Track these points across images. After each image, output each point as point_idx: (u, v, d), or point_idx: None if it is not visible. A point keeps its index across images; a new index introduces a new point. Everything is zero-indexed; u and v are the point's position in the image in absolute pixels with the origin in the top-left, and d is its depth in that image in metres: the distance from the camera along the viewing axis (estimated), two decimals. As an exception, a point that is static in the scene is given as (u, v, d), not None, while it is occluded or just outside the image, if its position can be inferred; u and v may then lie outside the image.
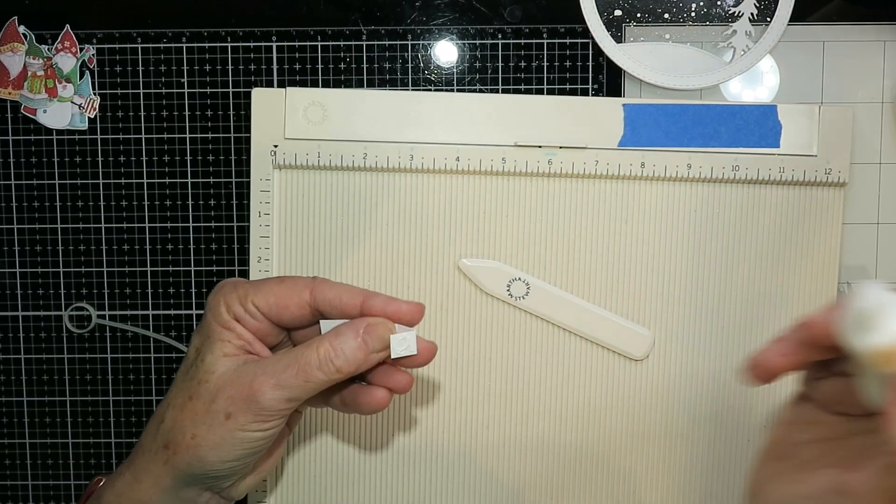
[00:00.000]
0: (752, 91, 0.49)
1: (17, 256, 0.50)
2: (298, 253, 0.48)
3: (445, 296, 0.49)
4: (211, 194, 0.50)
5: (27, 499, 0.51)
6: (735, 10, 0.49)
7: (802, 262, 0.48)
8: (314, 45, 0.49)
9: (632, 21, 0.49)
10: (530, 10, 0.49)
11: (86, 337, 0.51)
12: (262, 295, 0.37)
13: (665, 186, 0.48)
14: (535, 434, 0.49)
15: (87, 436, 0.51)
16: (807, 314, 0.27)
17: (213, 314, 0.38)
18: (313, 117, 0.47)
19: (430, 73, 0.49)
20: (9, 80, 0.49)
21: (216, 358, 0.37)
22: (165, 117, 0.50)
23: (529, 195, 0.48)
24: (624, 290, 0.49)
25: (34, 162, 0.50)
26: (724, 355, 0.49)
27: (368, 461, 0.49)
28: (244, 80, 0.49)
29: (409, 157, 0.47)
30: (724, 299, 0.48)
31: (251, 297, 0.37)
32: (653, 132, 0.47)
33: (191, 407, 0.36)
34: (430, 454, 0.49)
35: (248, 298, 0.37)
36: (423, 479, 0.49)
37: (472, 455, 0.49)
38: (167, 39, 0.49)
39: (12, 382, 0.51)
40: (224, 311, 0.37)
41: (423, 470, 0.49)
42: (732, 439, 0.49)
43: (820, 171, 0.47)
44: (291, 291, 0.37)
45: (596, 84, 0.49)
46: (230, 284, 0.38)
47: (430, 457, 0.49)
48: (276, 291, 0.37)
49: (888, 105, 0.49)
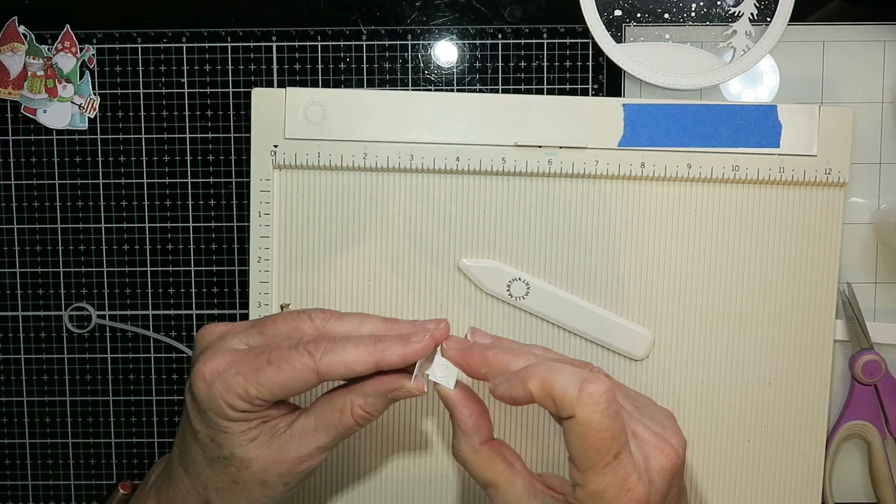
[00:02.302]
0: (752, 91, 0.49)
1: (17, 256, 0.50)
2: (298, 253, 0.48)
3: (445, 296, 0.49)
4: (211, 194, 0.50)
5: (27, 499, 0.51)
6: (735, 10, 0.49)
7: (802, 262, 0.48)
8: (314, 45, 0.49)
9: (632, 21, 0.49)
10: (530, 10, 0.49)
11: (86, 337, 0.51)
12: (265, 388, 0.34)
13: (665, 186, 0.48)
14: (535, 434, 0.49)
15: (87, 436, 0.51)
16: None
17: (216, 415, 0.35)
18: (313, 117, 0.47)
19: (430, 73, 0.49)
20: (9, 80, 0.49)
21: (245, 448, 0.35)
22: (165, 117, 0.50)
23: (529, 195, 0.48)
24: (624, 290, 0.49)
25: (34, 162, 0.50)
26: (724, 355, 0.49)
27: (369, 461, 0.49)
28: (244, 80, 0.49)
29: (409, 157, 0.47)
30: (724, 299, 0.48)
31: (254, 393, 0.34)
32: (653, 132, 0.47)
33: (239, 490, 0.36)
34: (431, 454, 0.49)
35: (251, 395, 0.34)
36: (424, 478, 0.49)
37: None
38: (167, 39, 0.49)
39: (12, 382, 0.51)
40: (229, 411, 0.35)
41: (424, 470, 0.49)
42: (732, 439, 0.49)
43: (820, 171, 0.47)
44: (294, 380, 0.34)
45: (596, 84, 0.49)
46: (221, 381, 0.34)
47: (431, 456, 0.49)
48: (278, 383, 0.34)
49: (888, 105, 0.49)
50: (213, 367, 0.35)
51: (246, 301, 0.50)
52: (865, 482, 0.51)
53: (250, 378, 0.34)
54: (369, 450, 0.49)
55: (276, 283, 0.48)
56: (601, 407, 0.31)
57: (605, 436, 0.31)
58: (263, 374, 0.34)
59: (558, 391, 0.32)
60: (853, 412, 0.49)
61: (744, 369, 0.49)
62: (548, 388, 0.32)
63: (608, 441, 0.31)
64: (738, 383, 0.49)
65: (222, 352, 0.35)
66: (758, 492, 0.49)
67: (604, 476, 0.31)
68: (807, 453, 0.49)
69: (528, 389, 0.32)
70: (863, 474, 0.51)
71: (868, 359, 0.48)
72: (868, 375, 0.48)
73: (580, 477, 0.32)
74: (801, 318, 0.48)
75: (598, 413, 0.31)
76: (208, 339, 0.37)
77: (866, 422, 0.49)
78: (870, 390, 0.49)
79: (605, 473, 0.31)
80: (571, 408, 0.31)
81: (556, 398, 0.32)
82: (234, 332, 0.36)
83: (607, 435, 0.31)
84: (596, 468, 0.31)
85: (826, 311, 0.48)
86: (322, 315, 0.36)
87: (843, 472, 0.51)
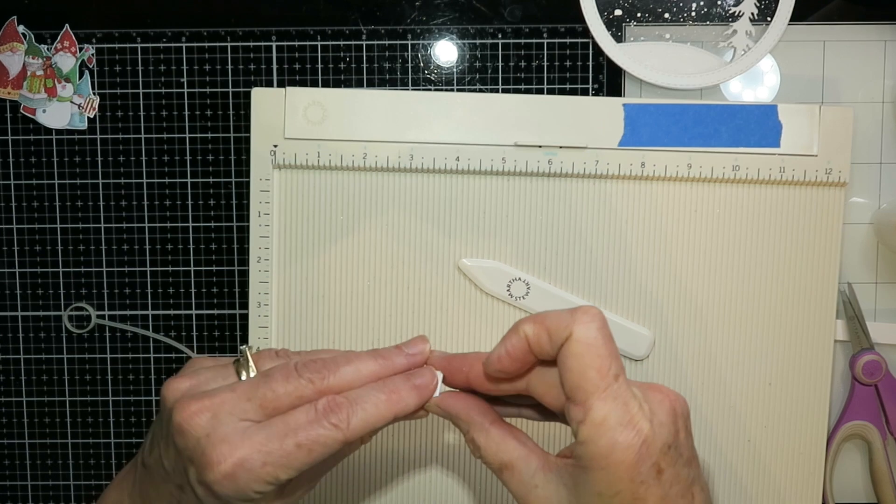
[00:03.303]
0: (753, 91, 0.49)
1: (17, 256, 0.50)
2: (298, 253, 0.48)
3: (445, 296, 0.48)
4: (211, 194, 0.50)
5: (27, 499, 0.51)
6: (735, 9, 0.49)
7: (803, 262, 0.48)
8: (314, 44, 0.49)
9: (632, 21, 0.49)
10: (530, 9, 0.49)
11: (85, 337, 0.51)
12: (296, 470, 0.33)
13: (665, 186, 0.48)
14: (535, 434, 0.49)
15: (87, 436, 0.51)
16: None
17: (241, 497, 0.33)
18: (313, 117, 0.47)
19: (430, 73, 0.49)
20: (8, 80, 0.49)
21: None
22: (165, 117, 0.50)
23: (529, 195, 0.48)
24: (624, 290, 0.48)
25: (34, 162, 0.50)
26: (724, 355, 0.49)
27: (369, 462, 0.49)
28: (244, 80, 0.49)
29: (409, 157, 0.47)
30: (724, 299, 0.48)
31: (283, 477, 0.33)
32: (653, 132, 0.47)
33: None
34: (431, 454, 0.49)
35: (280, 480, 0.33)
36: (425, 478, 0.49)
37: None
38: (167, 39, 0.49)
39: (12, 382, 0.51)
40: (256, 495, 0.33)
41: (424, 470, 0.49)
42: (733, 439, 0.49)
43: (820, 171, 0.47)
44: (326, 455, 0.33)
45: (596, 84, 0.49)
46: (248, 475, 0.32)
47: (431, 456, 0.49)
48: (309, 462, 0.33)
49: (888, 105, 0.49)
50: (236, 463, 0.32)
51: (245, 301, 0.50)
52: (866, 482, 0.50)
53: (280, 466, 0.32)
54: (371, 451, 0.49)
55: (275, 283, 0.48)
56: (597, 324, 0.31)
57: (604, 352, 0.31)
58: (294, 459, 0.32)
59: (552, 320, 0.32)
60: (854, 412, 0.49)
61: (744, 369, 0.49)
62: (541, 321, 0.32)
63: (607, 359, 0.31)
64: (738, 383, 0.49)
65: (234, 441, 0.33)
66: (758, 492, 0.49)
67: (605, 401, 0.30)
68: (807, 453, 0.49)
69: (521, 333, 0.32)
70: (863, 474, 0.51)
71: (868, 359, 0.48)
72: (868, 375, 0.48)
73: (581, 411, 0.31)
74: (801, 318, 0.48)
75: (595, 329, 0.31)
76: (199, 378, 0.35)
77: (867, 422, 0.49)
78: (870, 390, 0.49)
79: (606, 398, 0.30)
80: (567, 329, 0.31)
81: (551, 328, 0.31)
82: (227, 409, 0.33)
83: (605, 352, 0.31)
84: (597, 392, 0.30)
85: (826, 311, 0.48)
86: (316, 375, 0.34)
87: (843, 473, 0.51)
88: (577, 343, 0.31)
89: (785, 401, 0.49)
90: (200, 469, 0.32)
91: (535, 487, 0.32)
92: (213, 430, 0.32)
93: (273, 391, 0.33)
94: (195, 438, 0.33)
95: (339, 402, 0.33)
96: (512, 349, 0.33)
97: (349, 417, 0.33)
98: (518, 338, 0.32)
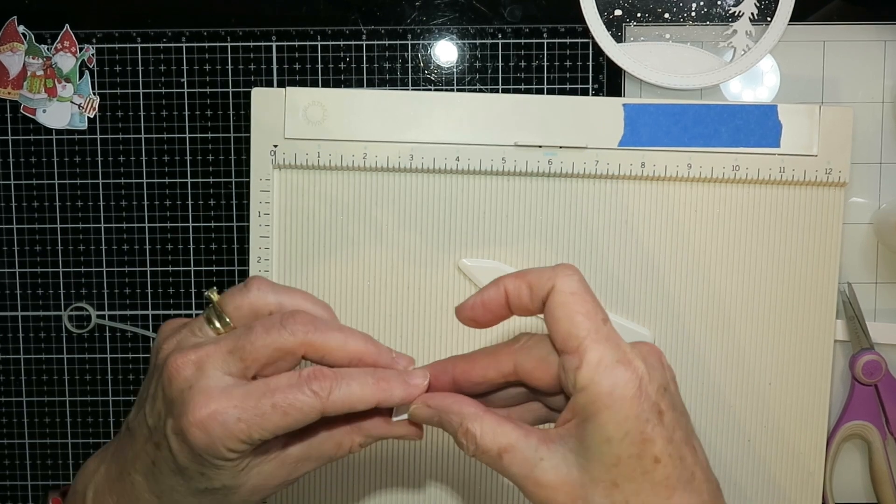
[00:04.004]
0: (753, 91, 0.49)
1: (17, 256, 0.50)
2: (298, 253, 0.48)
3: (445, 296, 0.48)
4: (211, 194, 0.50)
5: (27, 499, 0.51)
6: (735, 9, 0.49)
7: (802, 262, 0.48)
8: (314, 44, 0.49)
9: (632, 21, 0.49)
10: (530, 10, 0.49)
11: (85, 337, 0.51)
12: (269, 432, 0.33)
13: (665, 186, 0.48)
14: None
15: (87, 436, 0.51)
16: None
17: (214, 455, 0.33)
18: (313, 117, 0.47)
19: (430, 73, 0.49)
20: (8, 80, 0.49)
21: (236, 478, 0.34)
22: (165, 117, 0.50)
23: (529, 195, 0.48)
24: (624, 290, 0.48)
25: (34, 162, 0.50)
26: (724, 355, 0.49)
27: (369, 462, 0.49)
28: (244, 80, 0.49)
29: (409, 157, 0.47)
30: (724, 299, 0.48)
31: (256, 437, 0.33)
32: (653, 132, 0.47)
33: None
34: (431, 453, 0.49)
35: (254, 439, 0.33)
36: (425, 478, 0.49)
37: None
38: (167, 39, 0.49)
39: (12, 382, 0.51)
40: (229, 454, 0.33)
41: (424, 469, 0.49)
42: (732, 439, 0.49)
43: (820, 171, 0.47)
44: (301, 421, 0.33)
45: (596, 84, 0.49)
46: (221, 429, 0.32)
47: (431, 456, 0.49)
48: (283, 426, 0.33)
49: (888, 105, 0.49)
50: (210, 414, 0.32)
51: (246, 301, 0.50)
52: (866, 482, 0.50)
53: (254, 424, 0.32)
54: (370, 452, 0.49)
55: (275, 283, 0.48)
56: (577, 276, 0.32)
57: (589, 298, 0.32)
58: (268, 420, 0.32)
59: (533, 275, 0.32)
60: (853, 412, 0.49)
61: (744, 369, 0.49)
62: (522, 276, 0.32)
63: (593, 303, 0.32)
64: (738, 383, 0.49)
65: (212, 393, 0.33)
66: (758, 492, 0.49)
67: (598, 342, 0.31)
68: (807, 453, 0.49)
69: (501, 287, 0.33)
70: (863, 474, 0.51)
71: (868, 359, 0.48)
72: (868, 375, 0.48)
73: (576, 357, 0.31)
74: (801, 318, 0.48)
75: (577, 280, 0.32)
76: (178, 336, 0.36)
77: (867, 422, 0.49)
78: (870, 390, 0.49)
79: (599, 339, 0.31)
80: (550, 281, 0.32)
81: (533, 282, 0.32)
82: (211, 363, 0.34)
83: (590, 298, 0.32)
84: (590, 335, 0.31)
85: (826, 311, 0.48)
86: (301, 327, 0.34)
87: (843, 473, 0.51)
88: (562, 293, 0.31)
89: (785, 401, 0.49)
90: (177, 417, 0.33)
91: (539, 461, 0.32)
92: (196, 382, 0.33)
93: (252, 343, 0.33)
94: (179, 390, 0.33)
95: (325, 372, 0.33)
96: (488, 300, 0.33)
97: (331, 389, 0.33)
98: (497, 291, 0.33)
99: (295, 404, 0.33)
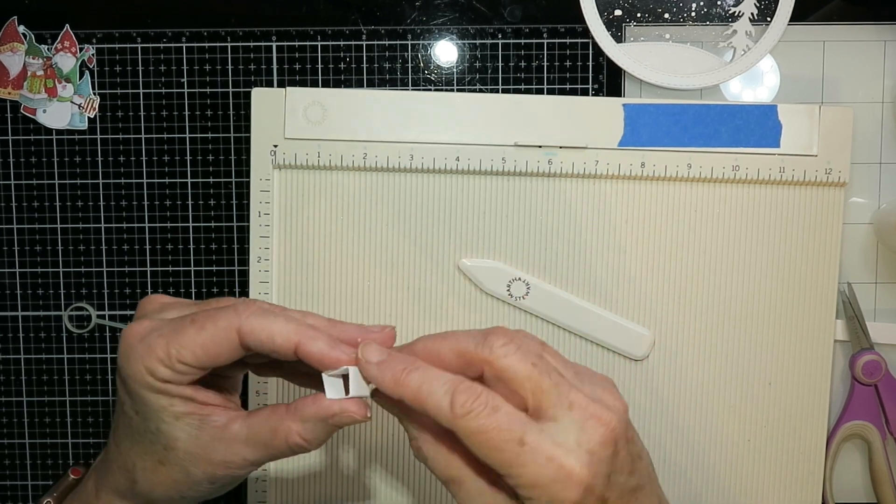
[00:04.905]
0: (753, 91, 0.49)
1: (17, 256, 0.50)
2: (298, 253, 0.48)
3: (445, 296, 0.49)
4: (211, 194, 0.50)
5: (27, 499, 0.51)
6: (735, 9, 0.49)
7: (802, 262, 0.48)
8: (314, 44, 0.49)
9: (632, 21, 0.49)
10: (530, 10, 0.49)
11: (85, 337, 0.51)
12: (187, 350, 0.33)
13: (665, 186, 0.48)
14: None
15: (87, 436, 0.51)
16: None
17: (137, 383, 0.33)
18: (313, 117, 0.47)
19: (430, 73, 0.49)
20: (8, 80, 0.49)
21: (171, 426, 0.34)
22: (165, 117, 0.50)
23: (529, 195, 0.48)
24: (624, 290, 0.49)
25: (34, 162, 0.50)
26: (724, 355, 0.49)
27: (369, 462, 0.49)
28: (244, 80, 0.49)
29: (409, 157, 0.47)
30: (724, 299, 0.48)
31: (174, 354, 0.33)
32: (653, 132, 0.47)
33: (165, 472, 0.35)
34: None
35: (172, 357, 0.33)
36: (424, 477, 0.49)
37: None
38: (167, 39, 0.49)
39: (12, 382, 0.51)
40: (150, 379, 0.33)
41: (424, 469, 0.49)
42: (732, 439, 0.49)
43: (820, 171, 0.47)
44: (216, 339, 0.33)
45: (596, 84, 0.49)
46: (142, 345, 0.33)
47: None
48: (199, 342, 0.33)
49: (888, 105, 0.49)
50: (137, 331, 0.33)
51: (246, 301, 0.50)
52: (866, 482, 0.50)
53: (172, 339, 0.32)
54: (370, 450, 0.49)
55: (275, 283, 0.48)
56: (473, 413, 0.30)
57: (493, 434, 0.30)
58: (185, 334, 0.33)
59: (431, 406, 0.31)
60: (853, 412, 0.49)
61: (744, 369, 0.49)
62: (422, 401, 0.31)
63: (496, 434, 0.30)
64: (738, 383, 0.49)
65: (152, 319, 0.34)
66: (758, 492, 0.49)
67: (525, 466, 0.30)
68: (807, 453, 0.49)
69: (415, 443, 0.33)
70: (863, 475, 0.51)
71: (868, 359, 0.48)
72: (868, 375, 0.48)
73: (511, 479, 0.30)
74: (801, 318, 0.48)
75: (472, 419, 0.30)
76: (149, 308, 0.36)
77: (866, 422, 0.49)
78: (870, 390, 0.49)
79: (524, 463, 0.30)
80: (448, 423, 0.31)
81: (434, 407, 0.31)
82: (174, 306, 0.35)
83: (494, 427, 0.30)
84: (511, 463, 0.30)
85: (826, 311, 0.48)
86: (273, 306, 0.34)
87: (843, 473, 0.51)
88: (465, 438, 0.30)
89: (785, 400, 0.49)
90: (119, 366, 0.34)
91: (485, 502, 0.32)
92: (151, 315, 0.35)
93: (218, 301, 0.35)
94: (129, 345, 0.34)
95: (256, 302, 0.34)
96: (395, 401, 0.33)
97: (254, 312, 0.33)
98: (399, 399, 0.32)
99: (213, 317, 0.33)
